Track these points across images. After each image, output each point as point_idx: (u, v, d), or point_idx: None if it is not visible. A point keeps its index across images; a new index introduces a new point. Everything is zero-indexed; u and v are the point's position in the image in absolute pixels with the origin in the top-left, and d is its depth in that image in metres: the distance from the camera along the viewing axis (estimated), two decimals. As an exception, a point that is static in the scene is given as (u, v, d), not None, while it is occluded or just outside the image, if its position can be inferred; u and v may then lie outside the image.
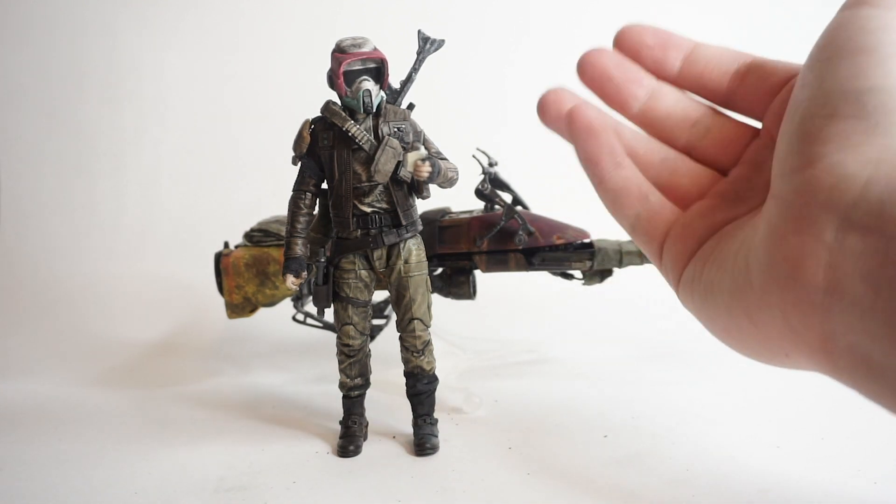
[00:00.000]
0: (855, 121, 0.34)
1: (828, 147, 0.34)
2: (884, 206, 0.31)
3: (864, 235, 0.31)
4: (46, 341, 1.19)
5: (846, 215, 0.32)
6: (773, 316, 0.36)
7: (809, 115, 0.36)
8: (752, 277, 0.37)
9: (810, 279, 0.33)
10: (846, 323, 0.32)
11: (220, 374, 1.02)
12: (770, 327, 0.37)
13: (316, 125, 0.70)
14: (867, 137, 0.33)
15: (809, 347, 0.35)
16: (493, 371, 0.97)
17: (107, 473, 0.66)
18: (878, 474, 0.58)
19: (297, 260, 0.70)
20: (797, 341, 0.36)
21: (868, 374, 0.33)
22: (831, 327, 0.33)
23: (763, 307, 0.36)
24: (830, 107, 0.35)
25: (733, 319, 0.39)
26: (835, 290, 0.32)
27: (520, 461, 0.65)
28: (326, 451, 0.70)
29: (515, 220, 0.89)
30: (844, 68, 0.35)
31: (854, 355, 0.32)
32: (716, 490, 0.57)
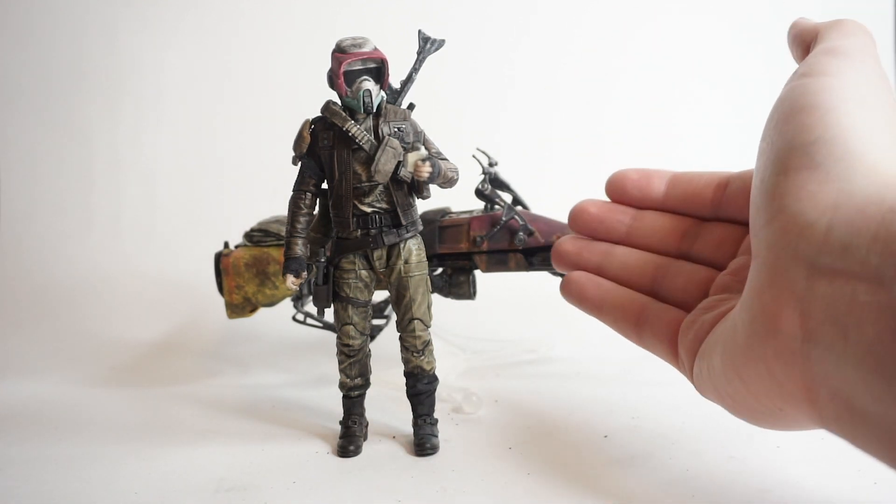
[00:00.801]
0: (807, 172, 0.35)
1: (787, 200, 0.36)
2: (846, 249, 0.31)
3: (830, 280, 0.32)
4: (46, 341, 1.19)
5: (812, 262, 0.33)
6: (759, 371, 0.37)
7: (768, 176, 0.38)
8: (738, 336, 0.38)
9: (787, 329, 0.34)
10: (824, 369, 0.33)
11: (220, 374, 1.02)
12: (757, 383, 0.38)
13: (316, 125, 0.70)
14: (821, 186, 0.34)
15: (795, 399, 0.36)
16: (493, 371, 0.97)
17: (107, 473, 0.66)
18: (878, 474, 0.58)
19: (297, 260, 0.70)
20: (783, 394, 0.37)
21: (852, 422, 0.33)
22: (812, 376, 0.34)
23: (749, 362, 0.38)
24: (783, 163, 0.37)
25: (730, 385, 0.41)
26: (810, 339, 0.33)
27: (520, 461, 0.65)
28: (326, 451, 0.70)
29: (515, 220, 0.89)
30: (791, 127, 0.38)
31: (836, 403, 0.33)
32: (716, 490, 0.57)
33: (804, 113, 0.37)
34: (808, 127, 0.36)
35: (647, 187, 0.55)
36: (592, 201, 0.58)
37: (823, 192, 0.34)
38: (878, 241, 0.30)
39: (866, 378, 0.30)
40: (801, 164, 0.36)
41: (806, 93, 0.38)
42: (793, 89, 0.40)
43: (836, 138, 0.35)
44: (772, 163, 0.38)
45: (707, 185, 0.53)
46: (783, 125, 0.38)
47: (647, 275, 0.54)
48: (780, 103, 0.40)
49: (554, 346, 1.06)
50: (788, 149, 0.37)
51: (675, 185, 0.55)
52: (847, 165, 0.34)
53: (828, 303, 0.32)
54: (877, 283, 0.29)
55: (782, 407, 0.38)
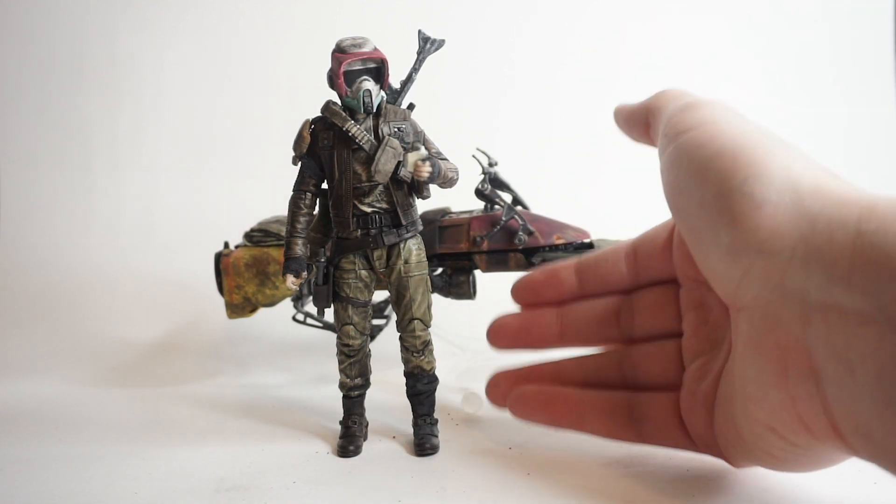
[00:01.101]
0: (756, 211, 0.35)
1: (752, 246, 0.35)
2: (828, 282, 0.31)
3: (824, 316, 0.31)
4: (46, 341, 1.19)
5: (802, 300, 0.32)
6: (782, 418, 0.36)
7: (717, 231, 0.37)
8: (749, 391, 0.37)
9: (797, 373, 0.33)
10: (841, 406, 0.32)
11: (220, 374, 1.02)
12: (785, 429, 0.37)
13: (316, 125, 0.70)
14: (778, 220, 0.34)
15: (825, 436, 0.35)
16: (493, 371, 0.97)
17: (107, 474, 0.66)
18: (878, 474, 0.58)
19: (297, 260, 0.70)
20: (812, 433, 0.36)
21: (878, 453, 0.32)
22: (832, 413, 0.33)
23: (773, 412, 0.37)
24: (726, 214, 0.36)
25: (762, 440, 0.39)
26: (821, 378, 0.32)
27: (520, 461, 0.65)
28: (326, 451, 0.70)
29: (515, 220, 0.89)
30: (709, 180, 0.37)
31: (859, 436, 0.32)
32: (716, 490, 0.57)
33: (717, 160, 0.36)
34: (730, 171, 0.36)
35: (559, 286, 0.53)
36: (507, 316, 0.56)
37: (784, 227, 0.33)
38: (854, 269, 0.29)
39: (880, 412, 0.29)
40: (745, 206, 0.34)
41: (702, 144, 0.38)
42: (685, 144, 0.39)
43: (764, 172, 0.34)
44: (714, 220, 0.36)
45: (616, 262, 0.51)
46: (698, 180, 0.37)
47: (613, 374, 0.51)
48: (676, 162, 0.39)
49: (554, 346, 1.05)
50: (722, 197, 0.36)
51: (585, 275, 0.53)
52: (791, 192, 0.33)
53: (827, 338, 0.31)
54: (865, 312, 0.28)
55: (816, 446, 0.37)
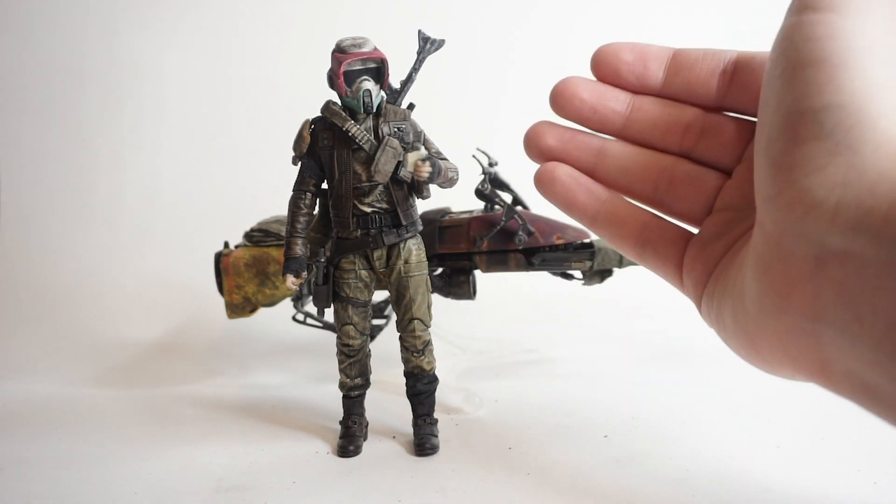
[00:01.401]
0: (816, 143, 0.32)
1: (794, 173, 0.33)
2: (856, 231, 0.30)
3: (841, 262, 0.30)
4: (46, 341, 1.19)
5: (822, 243, 0.31)
6: (771, 343, 0.36)
7: (773, 140, 0.35)
8: (748, 305, 0.37)
9: (798, 309, 0.33)
10: (837, 350, 0.31)
11: (220, 374, 1.02)
12: (770, 353, 0.36)
13: (316, 125, 0.70)
14: (831, 159, 0.32)
15: (809, 371, 0.35)
16: (493, 371, 0.97)
17: (107, 473, 0.66)
18: (878, 474, 0.58)
19: (297, 260, 0.70)
20: (797, 366, 0.35)
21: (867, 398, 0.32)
22: (826, 353, 0.32)
23: (761, 334, 0.36)
24: (790, 130, 0.34)
25: (740, 344, 0.39)
26: (822, 319, 0.32)
27: (520, 461, 0.65)
28: (326, 451, 0.70)
29: (515, 220, 0.89)
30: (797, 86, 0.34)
31: (851, 380, 0.32)
32: (716, 490, 0.57)
33: (812, 68, 0.33)
34: (817, 88, 0.33)
35: (644, 74, 0.47)
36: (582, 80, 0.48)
37: (832, 167, 0.31)
38: (889, 223, 0.28)
39: (883, 361, 0.29)
40: (809, 133, 0.32)
41: (812, 38, 0.34)
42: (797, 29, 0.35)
43: (847, 104, 0.32)
44: (778, 126, 0.34)
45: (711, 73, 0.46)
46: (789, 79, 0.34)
47: (650, 181, 0.47)
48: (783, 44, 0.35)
49: (554, 346, 1.06)
50: (796, 113, 0.33)
51: (675, 72, 0.47)
52: (858, 135, 0.31)
53: (839, 284, 0.30)
54: (889, 267, 0.28)
55: (794, 375, 0.37)
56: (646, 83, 0.47)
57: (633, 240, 0.48)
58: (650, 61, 0.47)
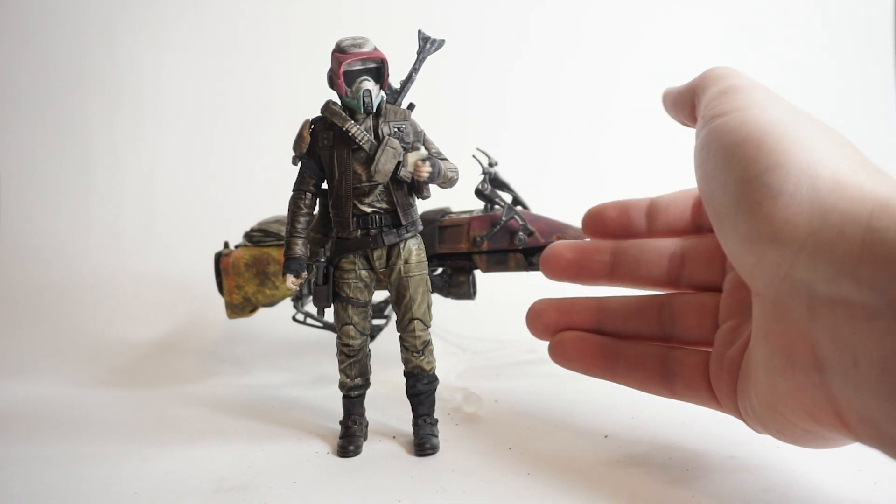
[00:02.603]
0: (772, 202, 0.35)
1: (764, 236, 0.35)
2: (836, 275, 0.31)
3: (831, 308, 0.31)
4: (46, 341, 1.19)
5: (809, 292, 0.33)
6: (788, 404, 0.37)
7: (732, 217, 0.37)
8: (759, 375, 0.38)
9: (802, 362, 0.34)
10: (846, 397, 0.32)
11: (220, 374, 1.02)
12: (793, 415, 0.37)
13: (316, 125, 0.70)
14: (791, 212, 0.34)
15: (830, 424, 0.35)
16: (493, 371, 0.97)
17: (107, 473, 0.66)
18: (878, 475, 0.58)
19: (297, 260, 0.70)
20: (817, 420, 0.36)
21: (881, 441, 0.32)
22: (837, 403, 0.33)
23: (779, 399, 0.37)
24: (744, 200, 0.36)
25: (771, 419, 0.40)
26: (824, 368, 0.33)
27: (520, 461, 0.65)
28: (326, 451, 0.70)
29: (515, 220, 0.89)
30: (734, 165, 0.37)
31: (866, 425, 0.32)
32: (716, 490, 0.57)
33: (742, 147, 0.37)
34: (753, 159, 0.36)
35: (628, 225, 0.54)
36: (564, 245, 0.56)
37: (797, 218, 0.33)
38: (863, 263, 0.29)
39: (883, 404, 0.29)
40: (762, 195, 0.35)
41: (731, 130, 0.38)
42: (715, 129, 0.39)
43: (784, 162, 0.35)
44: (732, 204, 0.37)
45: (685, 208, 0.52)
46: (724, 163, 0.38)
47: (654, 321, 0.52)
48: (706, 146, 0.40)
49: (554, 346, 1.05)
50: (743, 182, 0.36)
51: (654, 216, 0.53)
52: (808, 184, 0.33)
53: (832, 331, 0.31)
54: (872, 307, 0.29)
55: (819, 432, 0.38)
56: (631, 231, 0.54)
57: (657, 378, 0.52)
58: (631, 212, 0.54)
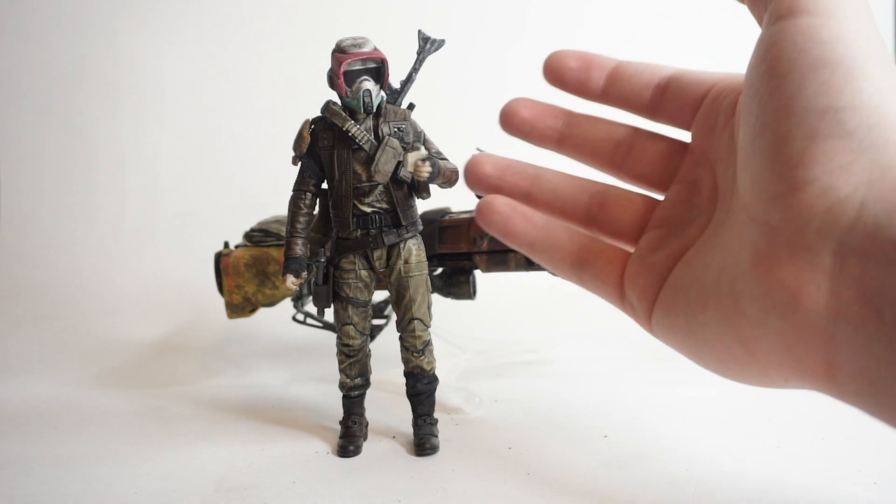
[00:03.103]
0: (838, 141, 0.32)
1: (815, 170, 0.33)
2: (880, 228, 0.30)
3: (862, 260, 0.30)
4: (46, 341, 1.19)
5: (843, 240, 0.31)
6: (773, 345, 0.35)
7: (785, 137, 0.34)
8: (744, 307, 0.36)
9: (811, 307, 0.32)
10: (851, 349, 0.31)
11: (220, 374, 1.02)
12: (769, 356, 0.36)
13: (316, 125, 0.70)
14: (855, 157, 0.32)
15: (813, 374, 0.34)
16: (493, 371, 0.97)
17: (107, 473, 0.66)
18: (878, 474, 0.58)
19: (297, 260, 0.70)
20: (800, 368, 0.35)
21: (875, 399, 0.32)
22: (836, 354, 0.32)
23: (760, 336, 0.36)
24: (808, 127, 0.33)
25: (727, 350, 0.38)
26: (837, 317, 0.32)
27: (520, 461, 0.65)
28: (326, 451, 0.70)
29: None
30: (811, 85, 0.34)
31: (860, 380, 0.32)
32: (716, 490, 0.57)
33: (827, 69, 0.33)
34: (835, 88, 0.33)
35: (586, 80, 0.50)
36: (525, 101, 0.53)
37: (857, 165, 0.32)
38: None
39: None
40: (830, 130, 0.32)
41: (819, 41, 0.34)
42: (798, 31, 0.35)
43: (867, 104, 0.32)
44: (791, 123, 0.34)
45: (647, 86, 0.48)
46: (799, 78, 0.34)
47: (582, 204, 0.50)
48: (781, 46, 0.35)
49: (554, 346, 1.06)
50: (813, 110, 0.33)
51: (613, 82, 0.50)
52: (881, 135, 0.32)
53: (859, 283, 0.30)
54: None
55: (791, 379, 0.37)
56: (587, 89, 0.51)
57: (570, 262, 0.50)
58: (593, 70, 0.51)
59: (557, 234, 0.49)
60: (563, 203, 0.50)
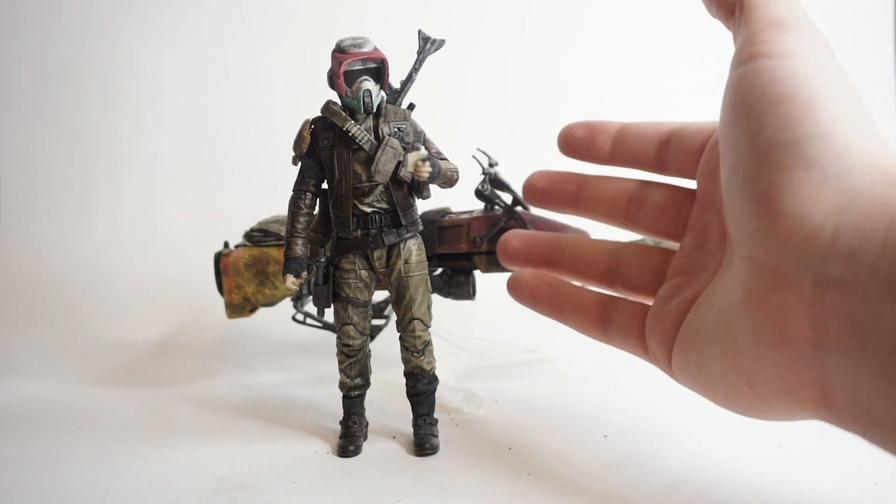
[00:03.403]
0: (803, 171, 0.33)
1: (785, 203, 0.33)
2: (854, 256, 0.30)
3: (841, 287, 0.31)
4: (46, 341, 1.19)
5: (821, 269, 0.31)
6: (769, 377, 0.36)
7: (755, 173, 0.35)
8: (740, 342, 0.37)
9: (798, 337, 0.33)
10: (841, 377, 0.32)
11: (220, 374, 1.02)
12: (768, 388, 0.36)
13: (316, 125, 0.70)
14: (821, 186, 0.32)
15: (811, 403, 0.35)
16: (493, 371, 0.97)
17: (107, 473, 0.66)
18: (878, 475, 0.58)
19: (297, 260, 0.70)
20: (798, 398, 0.35)
21: (870, 425, 0.32)
22: (828, 382, 0.32)
23: (757, 370, 0.36)
24: (773, 162, 0.34)
25: (732, 385, 0.39)
26: (824, 345, 0.32)
27: (520, 461, 0.65)
28: (326, 451, 0.70)
29: (515, 220, 0.89)
30: (772, 121, 0.35)
31: (854, 407, 0.32)
32: (716, 490, 0.57)
33: (784, 104, 0.34)
34: (794, 121, 0.34)
35: (592, 146, 0.53)
36: (542, 174, 0.57)
37: (825, 194, 0.32)
38: (887, 246, 0.29)
39: (887, 386, 0.29)
40: (794, 162, 0.33)
41: (776, 80, 0.35)
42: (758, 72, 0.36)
43: (828, 133, 0.33)
44: (758, 159, 0.35)
45: (650, 144, 0.51)
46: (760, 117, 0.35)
47: (602, 263, 0.53)
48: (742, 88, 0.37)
49: (554, 346, 1.06)
50: (776, 145, 0.34)
51: (620, 143, 0.52)
52: (845, 162, 0.32)
53: (840, 310, 0.30)
54: (890, 290, 0.28)
55: (792, 409, 0.37)
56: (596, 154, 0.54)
57: (596, 323, 0.53)
58: (598, 135, 0.53)
59: (582, 298, 0.52)
60: (583, 264, 0.53)
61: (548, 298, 0.54)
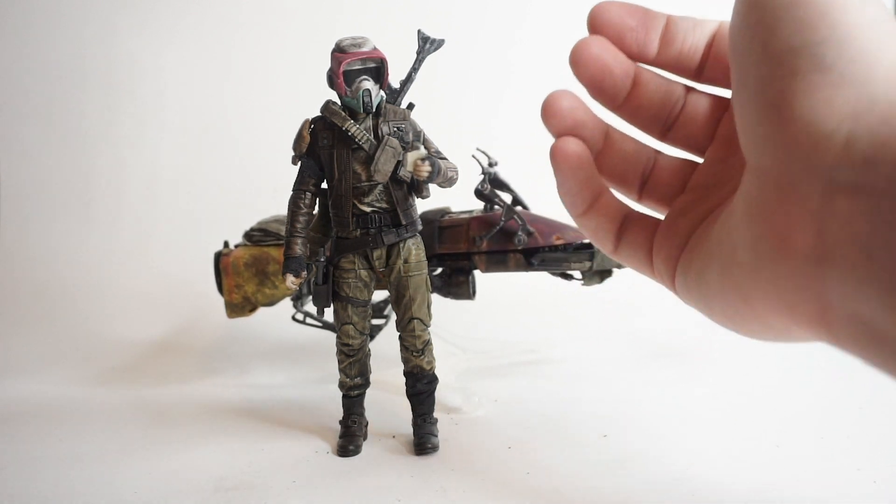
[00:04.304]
0: (818, 75, 0.32)
1: (797, 108, 0.32)
2: (869, 162, 0.29)
3: (851, 197, 0.29)
4: (46, 341, 1.19)
5: (830, 177, 0.30)
6: (767, 293, 0.34)
7: (766, 78, 0.34)
8: (739, 256, 0.35)
9: (800, 250, 0.32)
10: (843, 292, 0.30)
11: (220, 374, 1.02)
12: (765, 305, 0.35)
13: (316, 125, 0.70)
14: (837, 91, 0.31)
15: (808, 320, 0.33)
16: (493, 371, 0.97)
17: (107, 473, 0.66)
18: (878, 474, 0.58)
19: (297, 259, 0.70)
20: (794, 316, 0.34)
21: (871, 343, 0.31)
22: (828, 298, 0.31)
23: (755, 285, 0.35)
24: (786, 66, 0.33)
25: (729, 302, 0.38)
26: (827, 259, 0.31)
27: (520, 461, 0.65)
28: (326, 451, 0.70)
29: (515, 220, 0.89)
30: (786, 25, 0.33)
31: (854, 325, 0.31)
32: (716, 490, 0.57)
33: (800, 7, 0.33)
34: (809, 24, 0.32)
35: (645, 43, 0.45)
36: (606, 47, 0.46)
37: (840, 99, 0.30)
38: None
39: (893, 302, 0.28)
40: (809, 66, 0.32)
41: None
42: None
43: (845, 37, 0.31)
44: (770, 64, 0.33)
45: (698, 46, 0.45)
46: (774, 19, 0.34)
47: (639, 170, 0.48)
48: None
49: (554, 346, 1.06)
50: (789, 49, 0.32)
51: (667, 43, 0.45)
52: (863, 67, 0.31)
53: (848, 221, 0.29)
54: None
55: (790, 327, 0.36)
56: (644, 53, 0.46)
57: (614, 234, 0.49)
58: (651, 30, 0.45)
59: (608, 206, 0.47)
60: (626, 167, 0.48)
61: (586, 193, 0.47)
